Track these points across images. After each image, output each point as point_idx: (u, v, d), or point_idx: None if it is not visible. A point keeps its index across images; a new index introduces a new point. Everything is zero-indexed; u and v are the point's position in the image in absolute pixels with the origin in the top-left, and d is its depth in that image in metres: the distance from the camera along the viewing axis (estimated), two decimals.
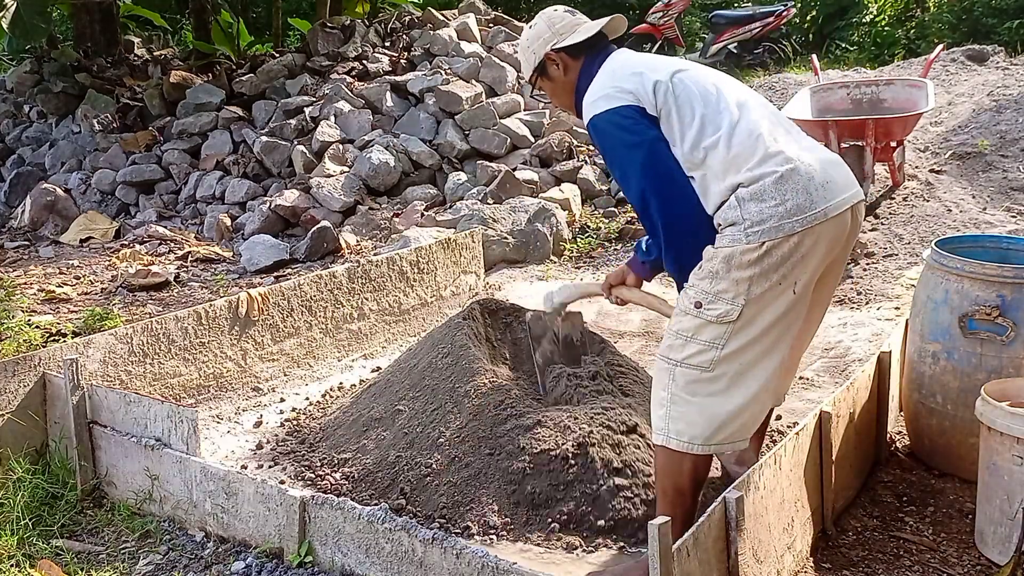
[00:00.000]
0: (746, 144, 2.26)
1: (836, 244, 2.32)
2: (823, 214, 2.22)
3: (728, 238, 2.23)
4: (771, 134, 2.30)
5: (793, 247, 2.21)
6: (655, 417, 2.33)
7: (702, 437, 2.26)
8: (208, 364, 3.69)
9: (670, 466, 2.31)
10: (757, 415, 2.33)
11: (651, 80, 2.34)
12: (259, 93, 8.21)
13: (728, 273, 2.22)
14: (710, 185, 2.27)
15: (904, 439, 3.17)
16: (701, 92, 2.34)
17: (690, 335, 2.27)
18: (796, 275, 2.24)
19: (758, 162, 2.24)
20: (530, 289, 5.11)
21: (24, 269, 6.24)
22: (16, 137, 9.02)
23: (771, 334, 2.26)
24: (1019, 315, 2.72)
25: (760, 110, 2.37)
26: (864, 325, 4.28)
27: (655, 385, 2.36)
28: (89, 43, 10.11)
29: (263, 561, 2.54)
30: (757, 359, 2.26)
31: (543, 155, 6.94)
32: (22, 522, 2.74)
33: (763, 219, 2.20)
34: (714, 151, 2.26)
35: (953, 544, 2.59)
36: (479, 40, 8.47)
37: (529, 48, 2.62)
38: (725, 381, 2.26)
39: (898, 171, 6.01)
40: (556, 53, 2.55)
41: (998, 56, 8.96)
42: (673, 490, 2.32)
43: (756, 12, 12.20)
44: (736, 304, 2.21)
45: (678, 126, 2.30)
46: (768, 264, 2.20)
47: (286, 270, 5.88)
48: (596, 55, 2.52)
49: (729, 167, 2.25)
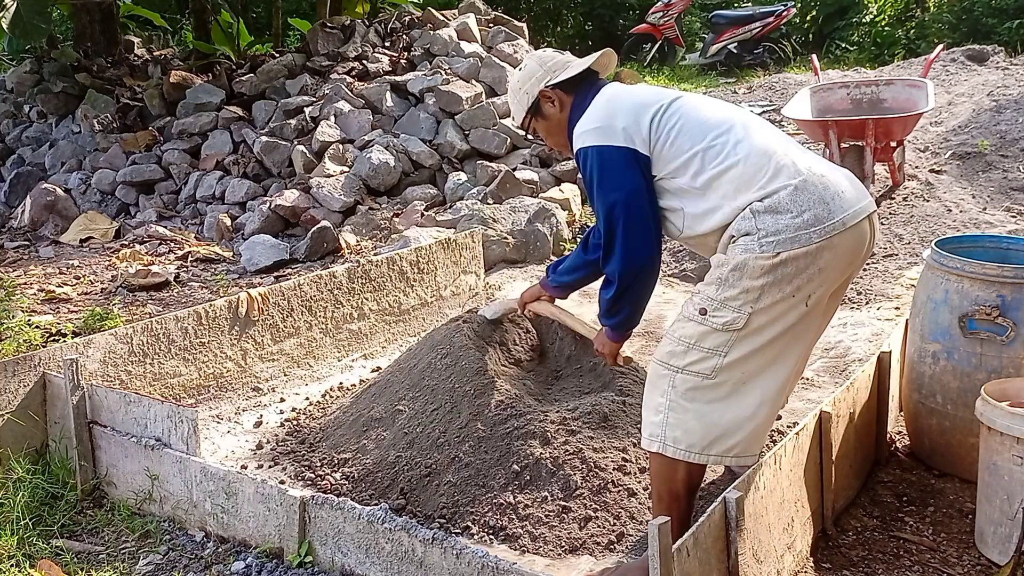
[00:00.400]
0: (755, 163, 2.24)
1: (856, 256, 2.29)
2: (841, 224, 2.20)
3: (741, 247, 2.20)
4: (779, 149, 2.28)
5: (810, 260, 2.18)
6: (649, 423, 2.29)
7: (699, 446, 2.22)
8: (208, 364, 3.69)
9: (664, 471, 2.29)
10: (760, 429, 2.27)
11: (647, 115, 2.34)
12: (259, 93, 8.21)
13: (739, 281, 2.18)
14: (719, 207, 2.25)
15: (904, 439, 3.17)
16: (700, 119, 2.33)
17: (693, 342, 2.23)
18: (811, 288, 2.20)
19: (770, 178, 2.22)
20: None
21: (24, 269, 6.24)
22: (16, 137, 9.02)
23: (776, 346, 2.21)
24: (1019, 315, 2.72)
25: (765, 128, 2.37)
26: (864, 325, 4.29)
27: (651, 390, 2.32)
28: (89, 43, 10.10)
29: (263, 561, 2.55)
30: (760, 370, 2.22)
31: (543, 155, 6.94)
32: (22, 522, 2.74)
33: (779, 230, 2.17)
34: (723, 175, 2.24)
35: (953, 544, 2.59)
36: (479, 40, 8.46)
37: (521, 89, 2.61)
38: (726, 389, 2.22)
39: (898, 171, 6.02)
40: (551, 90, 2.55)
41: (998, 56, 8.97)
42: (668, 495, 2.30)
43: (756, 12, 12.22)
44: (743, 312, 2.18)
45: (677, 157, 2.29)
46: (782, 275, 2.16)
47: (286, 270, 5.88)
48: (588, 90, 2.51)
49: (740, 188, 2.23)
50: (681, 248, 5.54)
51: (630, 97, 2.42)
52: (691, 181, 2.28)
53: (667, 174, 2.31)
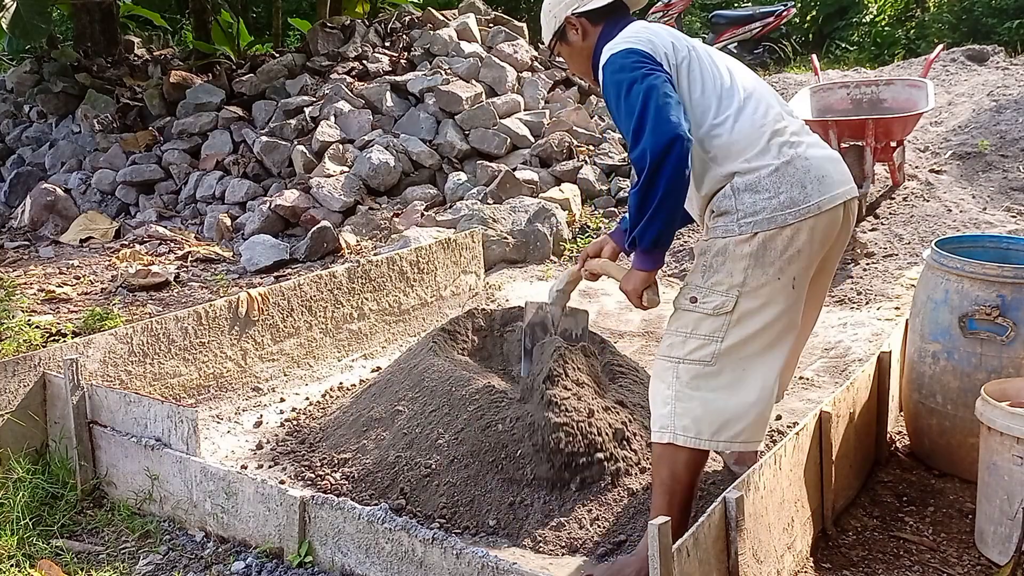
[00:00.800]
0: (748, 132, 2.27)
1: (828, 239, 2.33)
2: (816, 207, 2.24)
3: (721, 229, 2.26)
4: (776, 126, 2.30)
5: (788, 240, 2.23)
6: (658, 415, 2.33)
7: (708, 432, 2.27)
8: (208, 364, 3.69)
9: (667, 456, 2.31)
10: (763, 414, 2.32)
11: (670, 44, 2.35)
12: (259, 93, 8.21)
13: (722, 265, 2.24)
14: (708, 168, 2.28)
15: (904, 439, 3.17)
16: (714, 71, 2.35)
17: (689, 331, 2.28)
18: (793, 270, 2.25)
19: (757, 153, 2.25)
20: (530, 289, 5.11)
21: (24, 269, 6.24)
22: (16, 137, 9.02)
23: (772, 329, 2.27)
24: (1019, 315, 2.72)
25: (768, 99, 2.37)
26: (864, 325, 4.28)
27: (656, 383, 2.36)
28: (89, 43, 10.10)
29: (263, 561, 2.54)
30: (758, 354, 2.27)
31: (543, 155, 6.94)
32: (22, 522, 2.74)
33: (756, 211, 2.22)
34: (717, 135, 2.27)
35: (953, 544, 2.59)
36: (479, 40, 8.46)
37: (550, 12, 2.60)
38: (728, 376, 2.27)
39: (898, 171, 6.01)
40: (576, 18, 2.54)
41: (998, 56, 8.96)
42: (671, 478, 2.32)
43: (756, 12, 12.21)
44: (731, 295, 2.23)
45: (688, 97, 2.30)
46: (762, 257, 2.22)
47: (286, 270, 5.88)
48: (616, 22, 2.51)
49: (729, 154, 2.26)
50: (681, 248, 5.54)
51: (658, 32, 2.42)
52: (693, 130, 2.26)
53: None
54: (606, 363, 3.28)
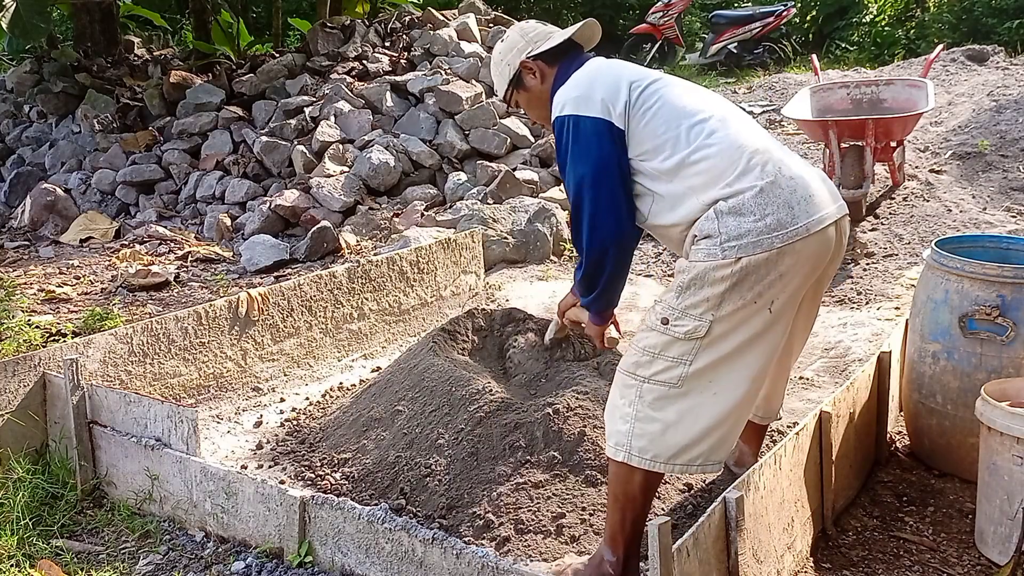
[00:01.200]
0: (727, 158, 2.19)
1: (820, 262, 2.24)
2: (804, 229, 2.15)
3: (703, 252, 2.16)
4: (753, 146, 2.22)
5: (771, 265, 2.13)
6: (616, 431, 2.24)
7: (665, 455, 2.18)
8: (208, 364, 3.69)
9: (622, 475, 2.24)
10: (726, 438, 2.23)
11: (626, 89, 2.29)
12: (259, 93, 8.21)
13: (700, 290, 2.14)
14: (686, 198, 2.21)
15: (904, 439, 3.17)
16: (678, 104, 2.28)
17: (657, 351, 2.19)
18: (773, 294, 2.15)
19: (738, 175, 2.17)
20: (530, 289, 5.11)
21: (24, 269, 6.24)
22: (16, 137, 9.02)
23: (744, 354, 2.17)
24: (1019, 315, 2.72)
25: (743, 122, 2.31)
26: (864, 325, 4.28)
27: (617, 399, 2.27)
28: (89, 43, 10.11)
29: (263, 561, 2.55)
30: (727, 377, 2.17)
31: (543, 155, 6.94)
32: (22, 522, 2.74)
33: (740, 234, 2.12)
34: (692, 165, 2.20)
35: (953, 544, 2.59)
36: (479, 40, 8.47)
37: (503, 61, 2.57)
38: (693, 399, 2.17)
39: (898, 171, 6.02)
40: (532, 61, 2.51)
41: (998, 56, 8.97)
42: (624, 496, 2.25)
43: (756, 12, 12.23)
44: (704, 320, 2.14)
45: (649, 139, 2.25)
46: (742, 281, 2.12)
47: (286, 270, 5.88)
48: (571, 62, 2.47)
49: (708, 182, 2.18)
50: None
51: (612, 70, 2.37)
52: (660, 165, 2.23)
53: (638, 155, 2.26)
54: (607, 363, 3.28)
